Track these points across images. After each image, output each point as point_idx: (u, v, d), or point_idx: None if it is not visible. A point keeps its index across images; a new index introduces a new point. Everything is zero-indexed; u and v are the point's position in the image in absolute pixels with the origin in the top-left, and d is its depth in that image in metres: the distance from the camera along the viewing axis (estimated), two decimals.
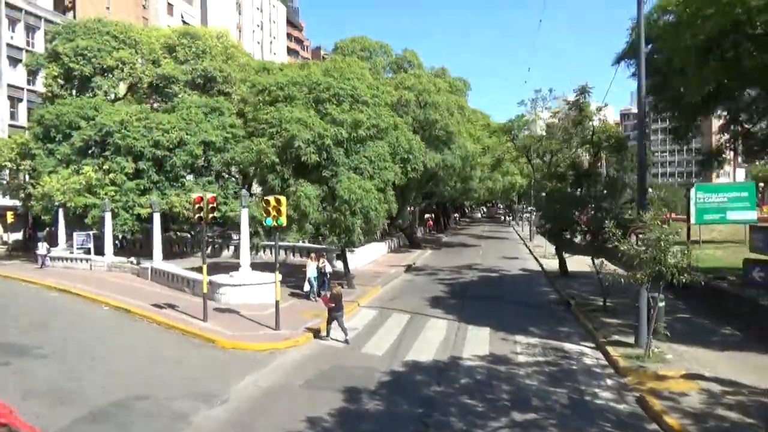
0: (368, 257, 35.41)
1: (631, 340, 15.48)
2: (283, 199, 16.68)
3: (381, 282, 27.41)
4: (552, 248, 40.26)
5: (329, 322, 16.53)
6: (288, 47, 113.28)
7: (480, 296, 24.22)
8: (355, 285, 25.21)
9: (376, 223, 23.57)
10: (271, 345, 15.23)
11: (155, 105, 40.20)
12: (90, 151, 34.66)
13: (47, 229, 51.72)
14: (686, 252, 12.41)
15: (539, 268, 33.97)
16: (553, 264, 34.05)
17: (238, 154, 35.84)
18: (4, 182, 39.39)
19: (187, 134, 33.66)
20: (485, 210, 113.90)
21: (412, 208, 49.29)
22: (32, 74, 50.32)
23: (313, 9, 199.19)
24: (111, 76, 38.30)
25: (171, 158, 33.45)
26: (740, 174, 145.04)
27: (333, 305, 16.37)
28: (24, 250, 43.53)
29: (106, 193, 32.56)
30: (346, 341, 15.86)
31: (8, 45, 47.77)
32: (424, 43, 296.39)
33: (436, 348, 15.39)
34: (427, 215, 68.04)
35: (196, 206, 16.96)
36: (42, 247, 33.63)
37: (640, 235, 14.05)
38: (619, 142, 23.59)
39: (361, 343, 15.96)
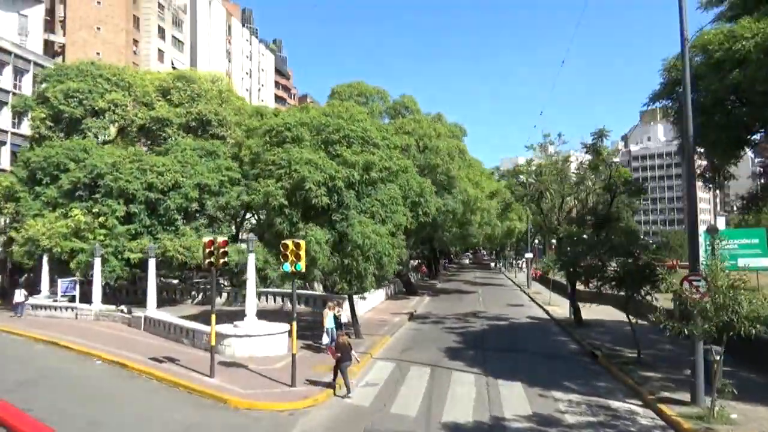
0: (368, 304, 33.94)
1: (681, 396, 14.29)
2: (302, 242, 15.45)
3: (388, 331, 25.97)
4: (553, 296, 39.56)
5: (335, 373, 15.36)
6: (276, 95, 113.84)
7: (497, 347, 22.88)
8: (362, 334, 23.76)
9: (389, 269, 22.40)
10: (289, 405, 13.70)
11: (146, 148, 39.08)
12: (78, 194, 33.15)
13: (25, 275, 49.58)
14: (765, 300, 11.36)
15: (546, 316, 32.84)
16: (560, 312, 33.01)
17: (240, 197, 35.02)
18: None
19: (182, 176, 32.46)
20: (471, 256, 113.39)
21: (408, 254, 48.09)
22: (18, 116, 49.09)
23: (299, 58, 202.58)
24: (102, 118, 37.22)
25: (165, 201, 32.11)
26: (720, 222, 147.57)
27: (339, 355, 15.23)
28: (2, 297, 41.18)
29: (94, 237, 30.95)
30: (347, 395, 14.71)
31: None
32: (416, 89, 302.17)
33: (471, 407, 14.01)
34: (417, 261, 66.94)
35: (207, 251, 15.61)
36: (20, 294, 31.58)
37: (694, 282, 13.07)
38: (638, 186, 22.98)
39: (387, 401, 14.50)
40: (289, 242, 15.36)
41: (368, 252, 20.74)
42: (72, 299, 30.98)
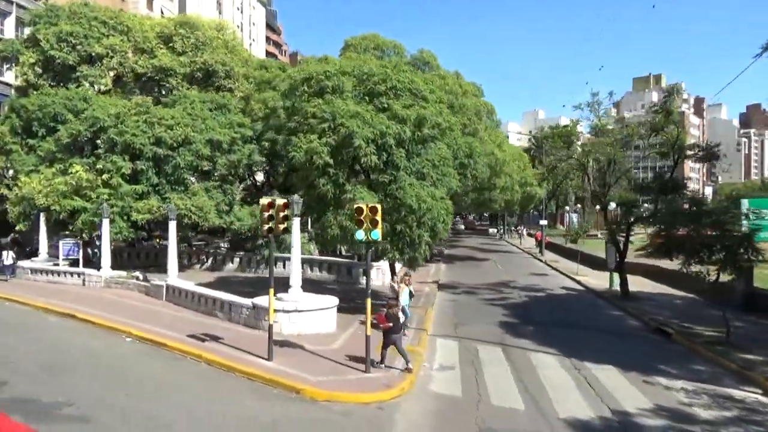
0: (389, 272, 31.86)
1: None
2: (378, 206, 13.24)
3: (425, 302, 24.15)
4: (575, 265, 37.80)
5: (385, 347, 13.82)
6: (267, 50, 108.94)
7: (551, 322, 21.17)
8: None
9: (442, 236, 20.33)
10: (374, 396, 11.72)
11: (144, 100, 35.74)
12: (79, 149, 30.24)
13: (11, 235, 46.52)
14: None
15: (579, 287, 31.27)
16: (594, 282, 31.48)
17: (252, 156, 32.37)
18: None
19: (193, 131, 29.66)
20: (462, 221, 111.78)
21: None
22: (1, 63, 45.21)
23: (288, 12, 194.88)
24: (99, 65, 33.87)
25: (174, 158, 29.37)
26: (708, 191, 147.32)
27: (390, 325, 13.66)
28: None
29: (97, 197, 28.22)
30: (408, 369, 13.40)
31: None
32: (420, 44, 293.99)
33: (580, 397, 12.21)
34: None
35: (266, 214, 13.27)
36: (7, 256, 28.91)
37: None
38: (709, 151, 21.03)
39: (478, 390, 12.60)
40: (363, 206, 13.15)
41: (423, 218, 18.61)
42: (74, 263, 28.47)
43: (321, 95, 20.55)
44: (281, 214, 13.54)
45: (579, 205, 71.82)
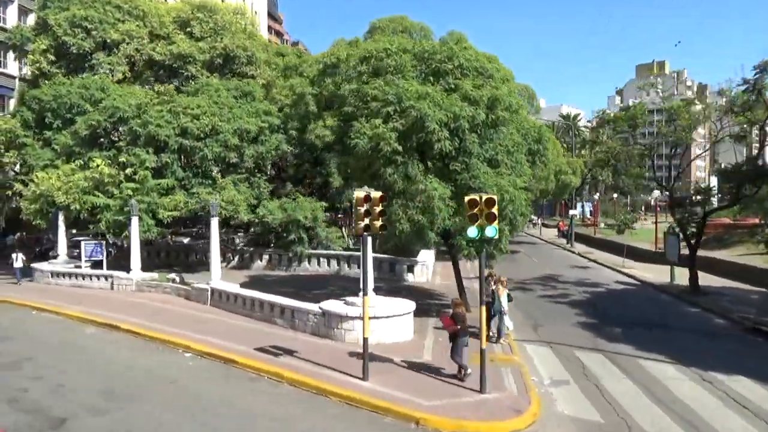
0: (427, 267, 29.91)
1: None
2: (495, 198, 11.30)
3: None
4: (612, 256, 35.86)
5: (457, 353, 12.10)
6: (269, 40, 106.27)
7: (631, 321, 19.38)
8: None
9: (520, 229, 18.43)
10: (508, 424, 9.87)
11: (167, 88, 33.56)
12: (98, 142, 28.13)
13: (17, 234, 44.35)
14: None
15: (634, 281, 29.43)
16: (649, 276, 29.65)
17: (280, 146, 30.28)
18: None
19: (220, 121, 27.59)
20: None
21: None
22: (3, 53, 42.89)
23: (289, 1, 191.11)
24: (115, 52, 31.63)
25: (201, 150, 27.32)
26: (714, 181, 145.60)
27: (458, 328, 12.02)
28: None
29: (120, 192, 26.18)
30: (463, 376, 11.92)
31: None
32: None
33: (747, 423, 10.32)
34: None
35: (362, 209, 11.31)
36: (17, 258, 26.81)
37: None
38: None
39: (620, 414, 10.71)
40: (476, 197, 11.21)
41: (505, 210, 16.67)
42: (96, 264, 26.43)
43: (378, 76, 18.58)
44: (377, 209, 11.56)
45: (596, 195, 70.00)
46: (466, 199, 11.36)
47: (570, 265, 35.73)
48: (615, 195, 72.68)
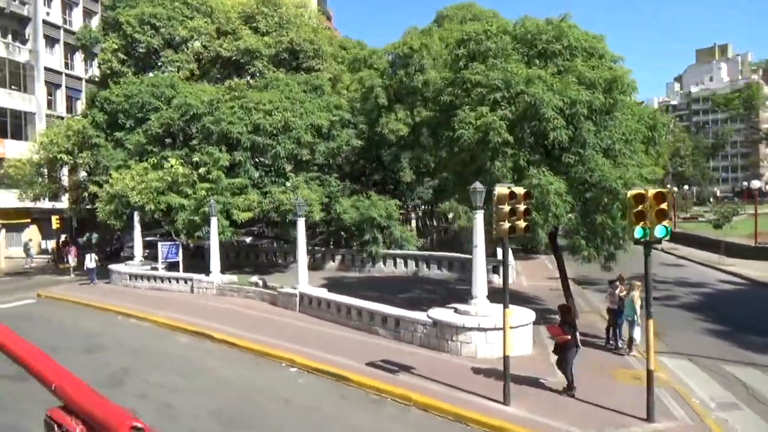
0: (513, 267, 28.08)
1: None
2: (668, 193, 9.61)
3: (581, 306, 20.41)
4: (701, 252, 33.00)
5: (564, 366, 10.87)
6: None
7: (765, 328, 17.16)
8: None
9: None
10: None
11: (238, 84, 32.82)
12: (170, 140, 27.59)
13: (87, 235, 44.84)
14: None
15: (739, 279, 26.85)
16: (754, 274, 26.98)
17: (350, 142, 29.09)
18: (60, 180, 32.31)
19: (292, 116, 26.54)
20: None
21: None
22: (70, 55, 43.42)
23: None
24: (185, 49, 31.11)
25: (273, 147, 26.35)
26: None
27: (569, 338, 10.71)
28: (62, 262, 36.53)
29: (194, 192, 25.50)
30: (571, 392, 10.66)
31: (44, 22, 40.50)
32: None
33: None
34: None
35: (506, 209, 9.80)
36: (90, 259, 26.53)
37: None
38: None
39: None
40: (642, 191, 9.54)
41: None
42: (171, 266, 25.81)
43: (473, 61, 16.99)
44: (521, 207, 10.02)
45: (673, 187, 66.27)
46: (630, 194, 9.68)
47: (659, 263, 33.11)
48: (686, 187, 68.69)
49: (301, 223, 18.80)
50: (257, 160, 27.25)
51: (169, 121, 26.27)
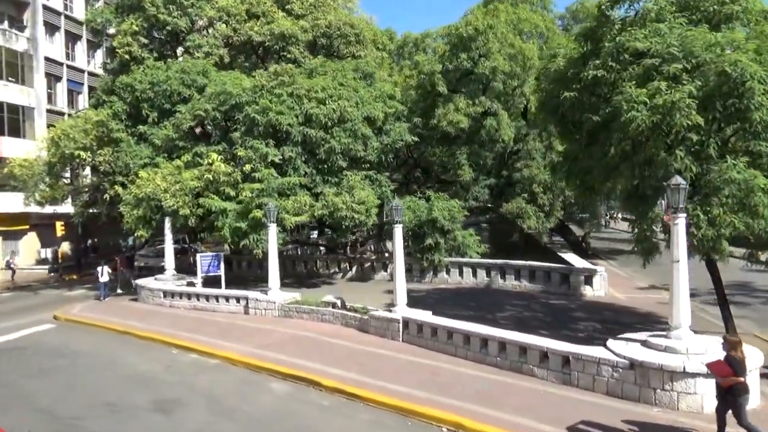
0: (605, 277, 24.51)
1: None
2: None
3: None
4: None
5: (737, 412, 8.09)
6: None
7: None
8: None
9: None
10: None
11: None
12: (206, 134, 23.89)
13: (89, 241, 40.98)
14: None
15: None
16: None
17: (404, 136, 25.55)
18: (80, 180, 28.44)
19: (348, 106, 22.97)
20: None
21: None
22: (71, 45, 39.42)
23: None
24: (213, 32, 27.40)
25: (327, 141, 22.76)
26: None
27: (741, 379, 8.11)
28: (77, 272, 32.64)
29: (237, 194, 21.86)
30: None
31: (44, 7, 36.44)
32: None
33: None
34: None
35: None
36: (102, 272, 22.85)
37: None
38: None
39: None
40: None
41: None
42: (211, 282, 22.04)
43: (629, 25, 13.65)
44: None
45: None
46: None
47: (739, 268, 30.05)
48: None
49: (398, 231, 15.22)
50: (307, 156, 23.59)
51: (202, 112, 22.53)
